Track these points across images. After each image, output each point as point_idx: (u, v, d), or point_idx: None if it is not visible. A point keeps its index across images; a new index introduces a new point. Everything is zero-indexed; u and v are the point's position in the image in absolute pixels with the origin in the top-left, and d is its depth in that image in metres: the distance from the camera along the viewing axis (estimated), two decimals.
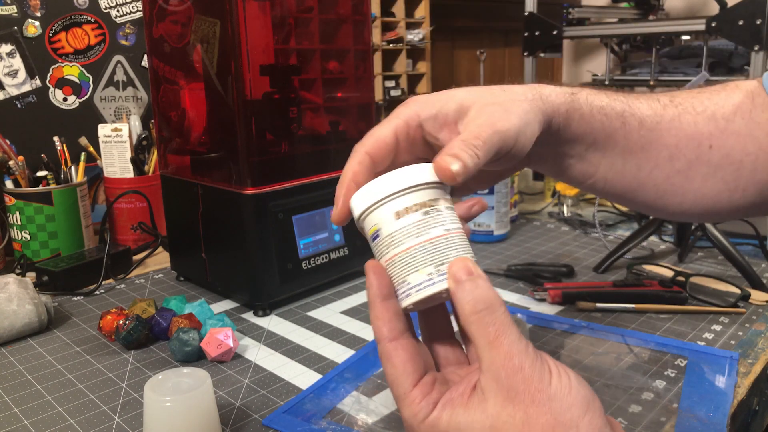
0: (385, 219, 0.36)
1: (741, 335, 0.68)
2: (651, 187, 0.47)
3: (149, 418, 0.48)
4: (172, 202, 0.88)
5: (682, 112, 0.47)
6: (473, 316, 0.33)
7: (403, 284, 0.36)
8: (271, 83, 0.78)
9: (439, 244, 0.35)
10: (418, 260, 0.35)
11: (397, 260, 0.36)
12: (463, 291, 0.33)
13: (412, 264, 0.35)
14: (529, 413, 0.31)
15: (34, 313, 0.72)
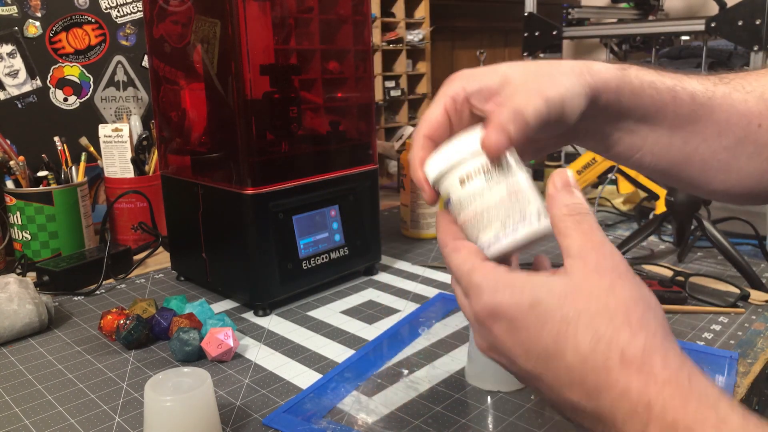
0: (452, 187, 0.40)
1: (740, 335, 0.68)
2: (697, 161, 0.48)
3: (149, 417, 0.48)
4: (173, 202, 0.88)
5: (732, 90, 0.47)
6: (570, 217, 0.36)
7: (480, 244, 0.39)
8: (272, 83, 0.78)
9: (503, 203, 0.39)
10: (485, 221, 0.39)
11: (468, 223, 0.40)
12: (563, 196, 0.37)
13: (482, 224, 0.39)
14: (615, 283, 0.33)
15: (34, 312, 0.72)
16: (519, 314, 0.34)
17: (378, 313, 0.77)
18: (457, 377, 0.61)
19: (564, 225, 0.36)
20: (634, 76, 0.45)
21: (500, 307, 0.35)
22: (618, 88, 0.44)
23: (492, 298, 0.35)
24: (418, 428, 0.53)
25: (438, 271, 0.92)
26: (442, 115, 0.42)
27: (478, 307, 0.36)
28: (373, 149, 0.88)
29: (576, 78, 0.42)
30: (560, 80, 0.41)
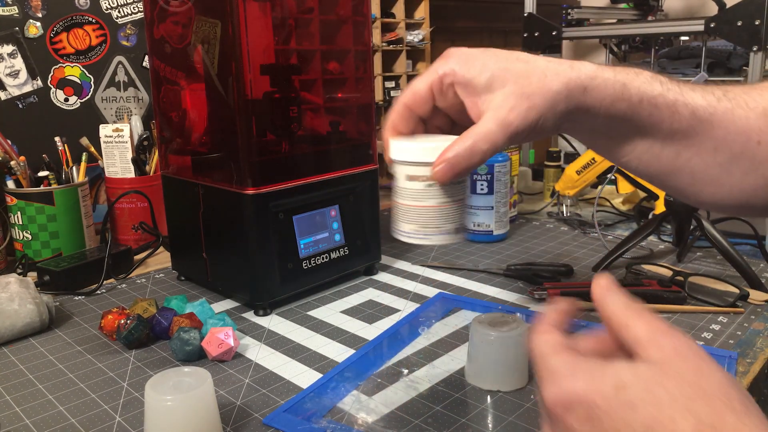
0: (401, 176, 0.47)
1: (740, 335, 0.69)
2: (687, 174, 0.47)
3: (150, 417, 0.48)
4: (173, 202, 0.88)
5: (735, 106, 0.46)
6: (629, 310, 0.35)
7: (397, 224, 0.48)
8: (272, 82, 0.78)
9: (429, 212, 0.46)
10: (409, 217, 0.47)
11: (399, 207, 0.48)
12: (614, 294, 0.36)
13: (406, 217, 0.47)
14: (701, 366, 0.31)
15: (35, 312, 0.72)
16: (601, 400, 0.31)
17: (378, 312, 0.78)
18: (456, 377, 0.62)
19: (625, 317, 0.34)
20: (635, 91, 0.45)
21: (578, 394, 0.32)
22: (612, 104, 0.44)
23: (570, 384, 0.32)
24: (418, 427, 0.53)
25: (438, 271, 0.92)
26: (427, 90, 0.46)
27: (553, 395, 0.33)
28: (373, 149, 0.88)
29: (561, 98, 0.43)
30: (537, 102, 0.42)
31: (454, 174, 0.44)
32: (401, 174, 0.47)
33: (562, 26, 1.63)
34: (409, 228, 0.47)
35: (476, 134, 0.43)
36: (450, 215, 0.47)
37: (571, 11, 1.77)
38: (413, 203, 0.46)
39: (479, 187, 1.02)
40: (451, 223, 0.47)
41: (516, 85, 0.43)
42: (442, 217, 0.46)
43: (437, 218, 0.46)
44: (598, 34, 1.71)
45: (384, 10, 1.62)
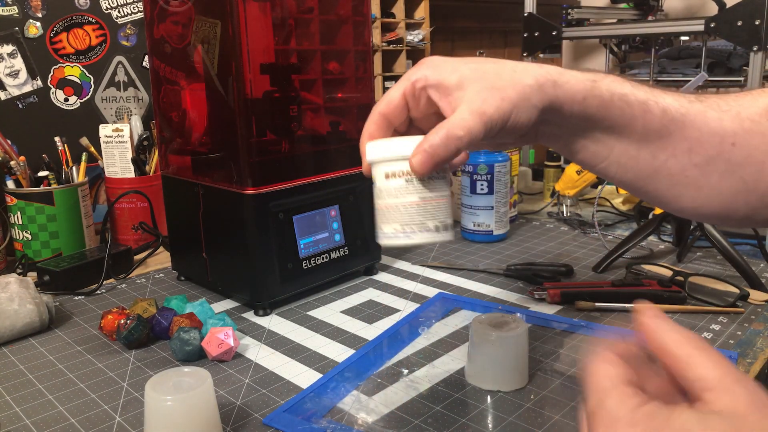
0: (379, 176, 0.46)
1: (740, 335, 0.69)
2: (665, 176, 0.47)
3: (150, 417, 0.48)
4: (173, 202, 0.88)
5: (708, 108, 0.47)
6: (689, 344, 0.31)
7: (379, 227, 0.46)
8: (272, 82, 0.78)
9: (410, 209, 0.45)
10: (390, 216, 0.45)
11: (380, 210, 0.46)
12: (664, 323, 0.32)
13: (387, 217, 0.45)
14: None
15: (35, 312, 0.72)
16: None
17: (378, 312, 0.78)
18: (456, 377, 0.62)
19: (686, 353, 0.31)
20: (605, 88, 0.45)
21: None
22: (585, 100, 0.45)
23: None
24: (418, 427, 0.53)
25: (438, 271, 0.92)
26: (400, 98, 0.46)
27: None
28: None
29: (531, 90, 0.43)
30: (510, 95, 0.43)
31: (432, 164, 0.43)
32: (379, 175, 0.46)
33: (562, 26, 1.63)
34: (391, 228, 0.45)
35: (450, 123, 0.43)
36: (432, 212, 0.45)
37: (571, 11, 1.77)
38: (393, 201, 0.45)
39: (479, 187, 1.02)
40: (433, 219, 0.45)
41: (487, 80, 0.44)
42: (424, 214, 0.45)
43: (419, 215, 0.45)
44: (598, 34, 1.71)
45: (384, 10, 1.62)
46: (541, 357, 0.65)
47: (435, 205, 0.45)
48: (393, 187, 0.45)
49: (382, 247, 0.91)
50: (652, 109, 0.46)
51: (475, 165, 1.01)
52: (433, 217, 0.45)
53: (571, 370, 0.62)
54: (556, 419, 0.54)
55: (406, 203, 0.45)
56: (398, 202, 0.45)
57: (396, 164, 0.45)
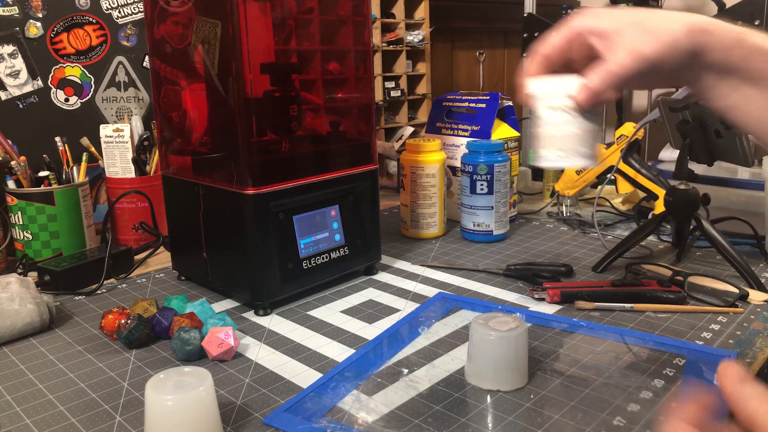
0: (542, 107, 0.52)
1: (739, 334, 0.69)
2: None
3: (150, 416, 0.49)
4: (174, 202, 0.88)
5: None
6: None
7: (537, 154, 0.53)
8: (272, 81, 0.78)
9: (570, 138, 0.51)
10: (551, 142, 0.52)
11: (541, 137, 0.53)
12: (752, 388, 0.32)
13: (548, 143, 0.52)
14: None
15: (35, 312, 0.72)
16: None
17: (378, 312, 0.78)
18: (456, 376, 0.62)
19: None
20: (751, 41, 0.48)
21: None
22: (730, 48, 0.48)
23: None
24: (417, 427, 0.53)
25: (438, 271, 0.92)
26: (564, 42, 0.52)
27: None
28: (373, 149, 0.88)
29: (683, 35, 0.47)
30: (663, 37, 0.47)
31: (594, 98, 0.49)
32: (542, 106, 0.52)
33: None
34: (552, 153, 0.52)
35: (610, 62, 0.48)
36: (588, 141, 0.51)
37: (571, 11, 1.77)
38: (554, 130, 0.51)
39: (479, 187, 1.02)
40: (588, 148, 0.51)
41: (642, 25, 0.48)
42: (581, 143, 0.51)
43: (577, 143, 0.51)
44: None
45: (384, 10, 1.62)
46: (541, 357, 0.65)
47: (591, 135, 0.51)
48: (555, 118, 0.51)
49: (380, 250, 0.91)
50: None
51: (475, 165, 1.01)
52: (588, 146, 0.52)
53: (570, 369, 0.62)
54: (556, 419, 0.54)
55: (567, 133, 0.51)
56: (559, 131, 0.51)
57: (559, 99, 0.51)
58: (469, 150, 1.03)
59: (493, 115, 1.12)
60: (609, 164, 1.12)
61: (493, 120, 1.11)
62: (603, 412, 0.55)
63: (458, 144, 1.14)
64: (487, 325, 0.59)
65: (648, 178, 1.08)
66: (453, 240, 1.07)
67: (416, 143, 1.06)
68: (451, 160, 1.14)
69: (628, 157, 1.10)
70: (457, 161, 1.10)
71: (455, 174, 1.14)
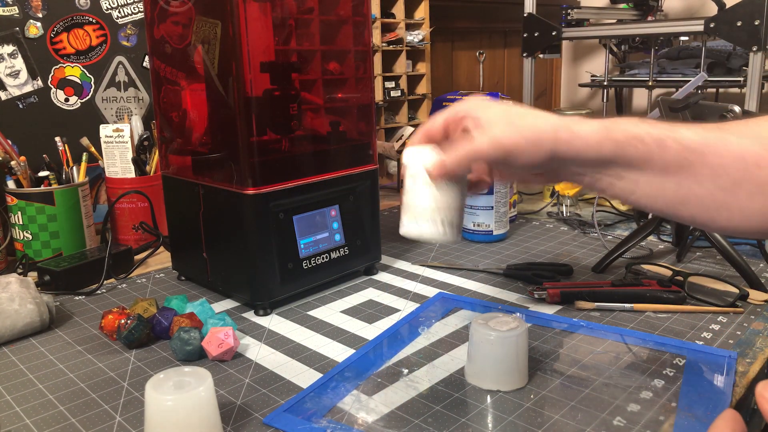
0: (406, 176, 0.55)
1: (739, 335, 0.69)
2: (694, 202, 0.49)
3: (150, 416, 0.48)
4: (174, 202, 0.88)
5: (728, 134, 0.48)
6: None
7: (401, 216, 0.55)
8: (272, 80, 0.78)
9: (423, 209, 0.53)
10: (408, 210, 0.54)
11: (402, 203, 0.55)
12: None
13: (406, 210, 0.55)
14: None
15: (35, 312, 0.72)
16: None
17: (378, 312, 0.78)
18: (456, 376, 0.62)
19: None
20: (620, 131, 0.49)
21: None
22: (599, 143, 0.49)
23: None
24: (417, 427, 0.53)
25: (438, 271, 0.92)
26: (443, 122, 0.56)
27: None
28: (373, 149, 0.88)
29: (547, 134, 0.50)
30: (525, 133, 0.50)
31: (445, 172, 0.52)
32: (408, 175, 0.54)
33: (562, 26, 1.63)
34: (405, 219, 0.55)
35: (467, 143, 0.52)
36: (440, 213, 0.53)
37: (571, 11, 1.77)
38: (413, 198, 0.54)
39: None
40: (440, 220, 0.53)
41: (510, 119, 0.51)
42: (437, 212, 0.53)
43: (433, 213, 0.53)
44: (598, 35, 1.71)
45: (384, 10, 1.62)
46: (541, 357, 0.65)
47: (445, 209, 0.53)
48: (416, 187, 0.54)
49: (380, 250, 0.91)
50: (668, 144, 0.48)
51: None
52: (442, 219, 0.53)
53: (570, 369, 0.62)
54: (556, 419, 0.54)
55: (422, 203, 0.53)
56: (414, 201, 0.54)
57: (420, 169, 0.53)
58: None
59: None
60: None
61: None
62: (603, 412, 0.55)
63: None
64: (487, 326, 0.59)
65: None
66: (457, 241, 1.07)
67: None
68: None
69: None
70: None
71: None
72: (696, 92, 1.26)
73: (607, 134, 0.49)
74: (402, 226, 0.55)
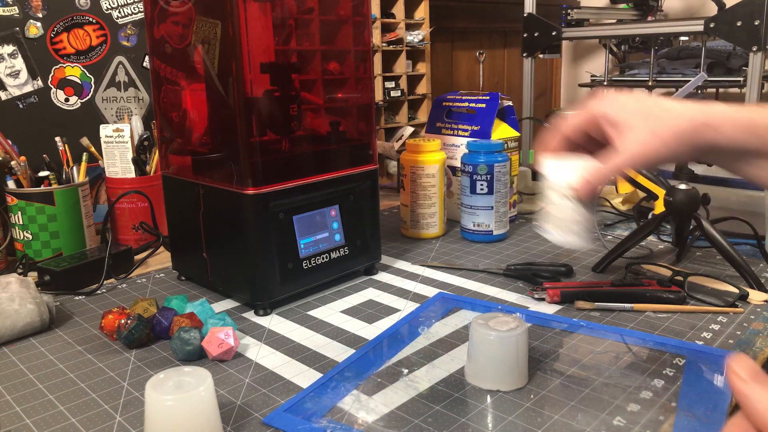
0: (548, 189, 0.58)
1: (739, 334, 0.69)
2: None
3: (150, 416, 0.49)
4: (174, 202, 0.88)
5: None
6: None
7: (542, 222, 0.59)
8: (272, 81, 0.78)
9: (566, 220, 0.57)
10: (551, 220, 0.58)
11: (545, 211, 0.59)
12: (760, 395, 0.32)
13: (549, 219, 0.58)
14: None
15: (35, 312, 0.72)
16: None
17: (378, 312, 0.78)
18: (456, 376, 0.62)
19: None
20: (763, 123, 0.49)
21: None
22: (745, 140, 0.49)
23: None
24: (417, 427, 0.53)
25: (438, 271, 0.92)
26: (581, 123, 0.56)
27: None
28: (373, 149, 0.88)
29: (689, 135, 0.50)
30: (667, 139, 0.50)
31: (590, 190, 0.55)
32: (549, 188, 0.58)
33: (562, 26, 1.63)
34: (550, 228, 0.58)
35: (609, 160, 0.53)
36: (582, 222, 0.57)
37: (571, 11, 1.77)
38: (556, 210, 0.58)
39: (479, 187, 1.02)
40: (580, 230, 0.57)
41: (650, 122, 0.51)
42: (576, 223, 0.57)
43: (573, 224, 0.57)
44: (598, 35, 1.71)
45: (384, 10, 1.62)
46: (541, 357, 0.65)
47: (585, 221, 0.57)
48: (558, 199, 0.57)
49: (380, 250, 0.91)
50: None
51: (475, 165, 1.01)
52: (582, 229, 0.57)
53: (570, 369, 0.62)
54: (556, 419, 0.54)
55: (565, 216, 0.57)
56: (559, 213, 0.57)
57: (563, 184, 0.57)
58: (469, 150, 1.03)
59: (493, 115, 1.12)
60: None
61: (493, 120, 1.11)
62: (603, 412, 0.55)
63: (458, 144, 1.14)
64: (487, 325, 0.59)
65: (648, 178, 1.08)
66: (453, 240, 1.07)
67: (416, 143, 1.06)
68: (451, 160, 1.14)
69: None
70: (457, 161, 1.10)
71: (455, 174, 1.14)
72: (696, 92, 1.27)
73: (750, 128, 0.49)
74: (548, 234, 0.59)
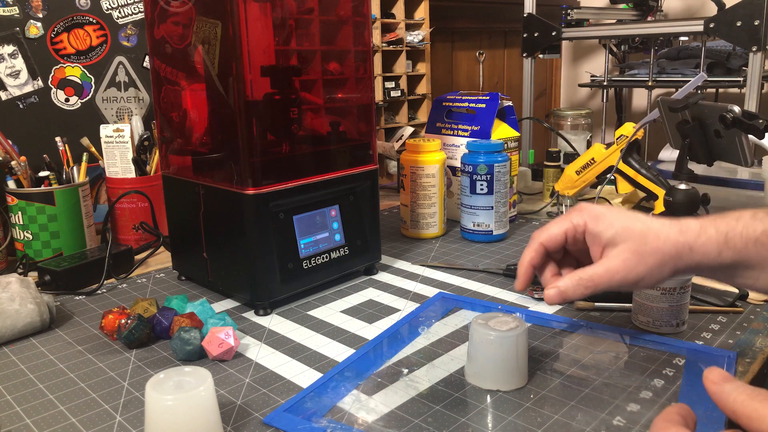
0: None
1: (739, 334, 0.69)
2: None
3: (151, 416, 0.49)
4: (174, 202, 0.88)
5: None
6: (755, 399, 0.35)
7: None
8: (272, 84, 0.78)
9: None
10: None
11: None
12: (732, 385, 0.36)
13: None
14: None
15: (36, 312, 0.72)
16: None
17: (378, 312, 0.78)
18: (456, 376, 0.62)
19: (753, 408, 0.35)
20: (738, 238, 0.51)
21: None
22: (719, 254, 0.51)
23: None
24: (417, 427, 0.53)
25: (438, 271, 0.92)
26: (561, 234, 0.56)
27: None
28: (373, 149, 0.88)
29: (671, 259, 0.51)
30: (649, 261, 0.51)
31: (561, 300, 0.54)
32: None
33: (562, 26, 1.63)
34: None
35: (585, 273, 0.53)
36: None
37: (571, 12, 1.77)
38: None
39: (479, 187, 1.02)
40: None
41: (633, 242, 0.52)
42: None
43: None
44: (598, 35, 1.71)
45: (384, 10, 1.62)
46: (541, 357, 0.65)
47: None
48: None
49: (380, 250, 0.91)
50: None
51: (474, 165, 1.01)
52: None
53: (570, 369, 0.62)
54: (556, 418, 0.54)
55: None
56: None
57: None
58: (469, 150, 1.04)
59: (493, 115, 1.12)
60: (609, 164, 1.12)
61: (493, 120, 1.12)
62: (603, 412, 0.55)
63: (458, 144, 1.14)
64: (487, 325, 0.59)
65: (648, 178, 1.08)
66: (453, 240, 1.07)
67: (416, 143, 1.06)
68: (451, 160, 1.14)
69: (628, 157, 1.10)
70: (457, 161, 1.10)
71: (455, 174, 1.14)
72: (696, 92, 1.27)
73: (726, 243, 0.51)
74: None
